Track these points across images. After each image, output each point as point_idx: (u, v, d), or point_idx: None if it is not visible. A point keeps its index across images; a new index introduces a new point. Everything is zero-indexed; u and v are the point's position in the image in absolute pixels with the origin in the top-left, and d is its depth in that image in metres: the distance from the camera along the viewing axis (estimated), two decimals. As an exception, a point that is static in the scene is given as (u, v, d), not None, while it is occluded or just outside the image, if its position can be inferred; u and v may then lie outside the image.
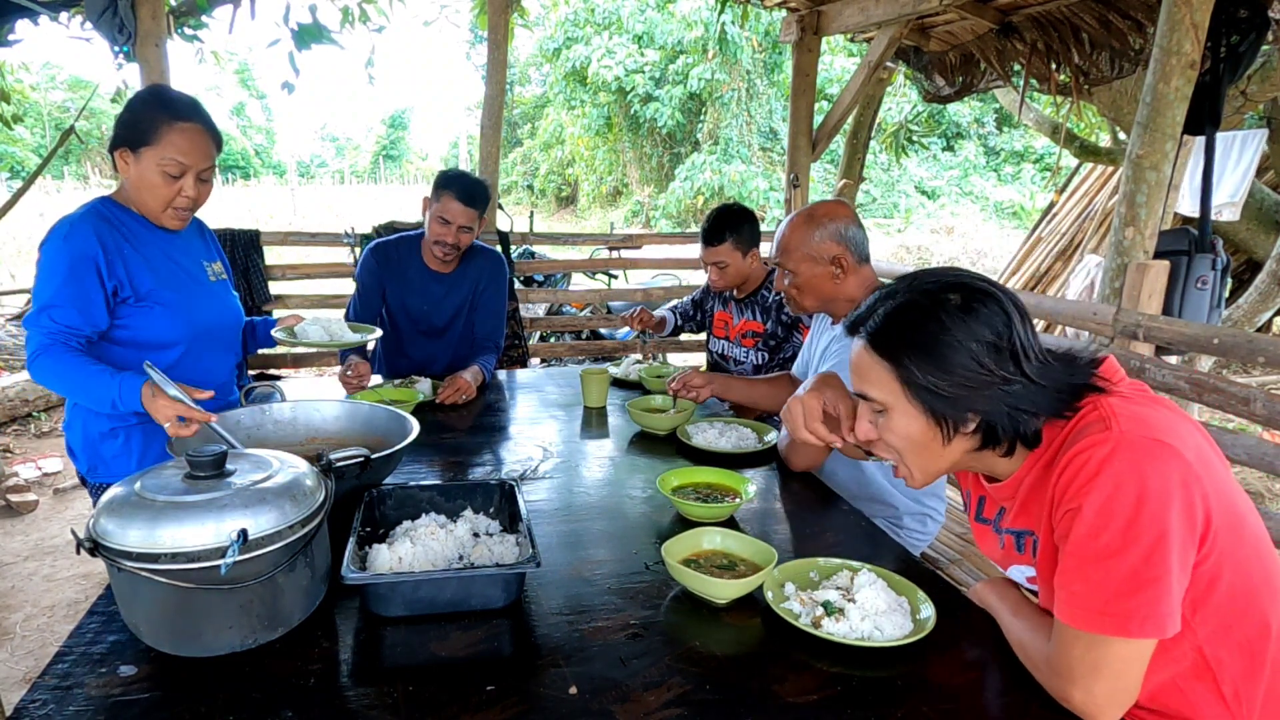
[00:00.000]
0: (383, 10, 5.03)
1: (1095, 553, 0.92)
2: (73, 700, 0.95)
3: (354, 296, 2.63)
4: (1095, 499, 0.91)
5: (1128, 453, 0.91)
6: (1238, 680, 0.98)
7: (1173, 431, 0.94)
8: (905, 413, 1.04)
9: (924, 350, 1.00)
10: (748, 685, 1.01)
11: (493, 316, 2.70)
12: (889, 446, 1.10)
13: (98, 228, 1.67)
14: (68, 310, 1.61)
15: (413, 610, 1.14)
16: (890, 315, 1.04)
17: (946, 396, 1.00)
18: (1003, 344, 0.98)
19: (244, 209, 20.01)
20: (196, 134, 1.69)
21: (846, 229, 1.82)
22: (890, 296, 1.06)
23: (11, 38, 3.87)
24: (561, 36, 19.60)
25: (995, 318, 0.99)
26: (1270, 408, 2.03)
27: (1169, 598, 0.90)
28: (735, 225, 2.51)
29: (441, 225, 2.44)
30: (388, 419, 1.63)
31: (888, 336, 1.04)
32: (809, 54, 4.61)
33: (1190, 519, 0.90)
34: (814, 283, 1.84)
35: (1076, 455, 0.95)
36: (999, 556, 1.18)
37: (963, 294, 1.00)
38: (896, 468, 1.12)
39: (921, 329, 1.00)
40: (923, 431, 1.04)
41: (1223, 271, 2.95)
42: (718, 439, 1.97)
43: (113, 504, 1.03)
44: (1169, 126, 2.58)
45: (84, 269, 1.62)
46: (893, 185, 17.95)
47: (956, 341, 0.98)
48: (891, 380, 1.03)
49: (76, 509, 3.76)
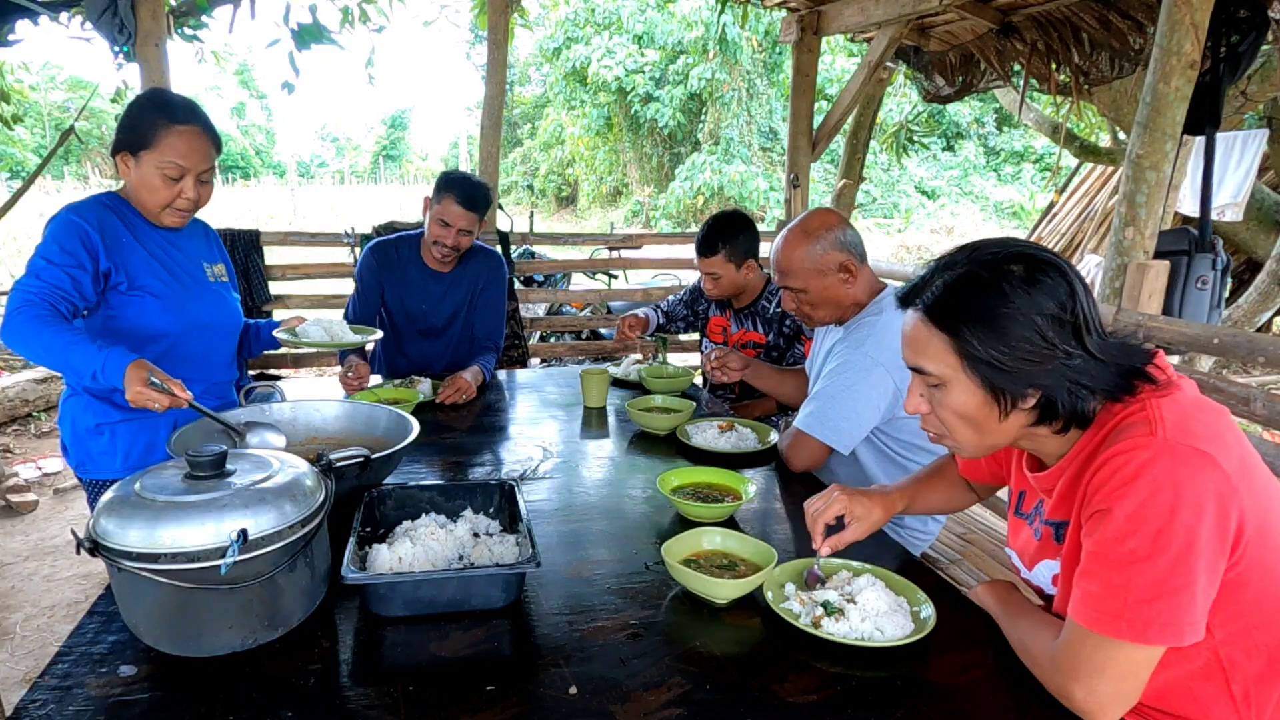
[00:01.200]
0: (383, 10, 5.03)
1: (1121, 557, 0.90)
2: (73, 700, 0.95)
3: (353, 295, 2.64)
4: (1128, 504, 0.90)
5: (1167, 460, 0.89)
6: (1249, 681, 0.98)
7: (1215, 440, 0.92)
8: (963, 387, 1.01)
9: (985, 322, 0.97)
10: (748, 685, 1.01)
11: (493, 316, 2.70)
12: (939, 421, 1.07)
13: (100, 213, 1.69)
14: (58, 272, 1.58)
15: (413, 610, 1.14)
16: (950, 286, 1.00)
17: (1007, 370, 0.97)
18: (1065, 316, 0.95)
19: (244, 209, 20.01)
20: (195, 136, 1.70)
21: (843, 235, 1.82)
22: (949, 267, 1.02)
23: (12, 38, 3.87)
24: (561, 36, 19.60)
25: (1058, 289, 0.96)
26: (1270, 408, 2.03)
27: (1192, 607, 0.89)
28: (729, 236, 2.47)
29: (441, 227, 2.44)
30: (388, 419, 1.63)
31: (947, 308, 1.00)
32: (809, 54, 4.61)
33: (1222, 530, 0.89)
34: (826, 294, 1.84)
35: (1116, 456, 0.93)
36: (1032, 551, 1.15)
37: (1026, 264, 0.97)
38: (942, 437, 1.10)
39: (983, 300, 0.97)
40: (980, 406, 1.01)
41: (1223, 271, 2.95)
42: (718, 439, 1.97)
43: (113, 504, 1.03)
44: (1169, 126, 2.58)
45: (80, 243, 1.63)
46: (893, 185, 17.94)
47: (1019, 313, 0.95)
48: (949, 353, 1.00)
49: (76, 509, 3.76)
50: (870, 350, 1.75)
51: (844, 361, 1.78)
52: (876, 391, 1.74)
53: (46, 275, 1.57)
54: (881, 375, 1.73)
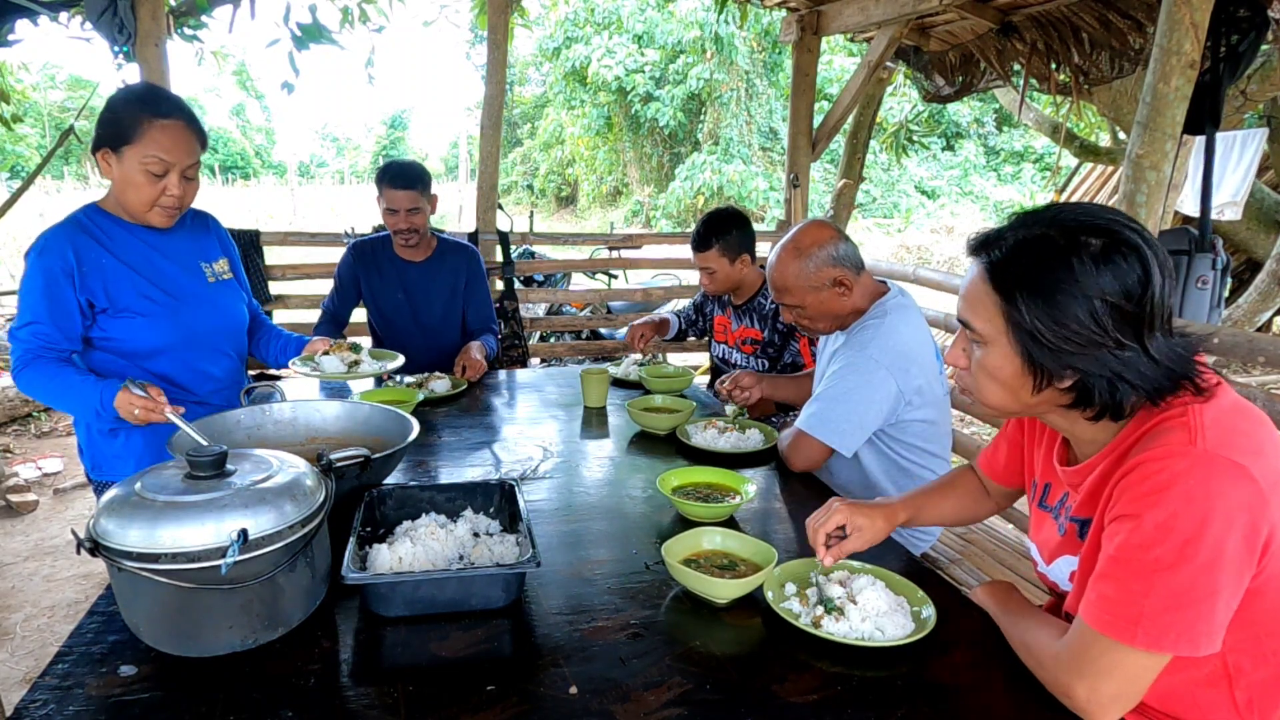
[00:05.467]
0: (383, 10, 5.03)
1: (1145, 564, 0.88)
2: (73, 700, 0.95)
3: (331, 290, 2.84)
4: (1159, 513, 0.88)
5: (1202, 471, 0.87)
6: (1253, 688, 0.97)
7: (1254, 451, 0.90)
8: (1003, 352, 0.98)
9: (1041, 292, 0.92)
10: (748, 685, 1.01)
11: (482, 306, 2.89)
12: (972, 378, 1.04)
13: (74, 239, 1.67)
14: (46, 326, 1.63)
15: (413, 610, 1.14)
16: (1019, 246, 0.95)
17: (1049, 346, 0.93)
18: (1128, 306, 0.90)
19: (244, 209, 20.01)
20: (179, 130, 1.65)
21: (837, 249, 1.82)
22: (1027, 225, 0.96)
23: (11, 38, 3.86)
24: (561, 36, 19.59)
25: (1131, 275, 0.90)
26: (1270, 407, 2.02)
27: (1212, 619, 0.87)
28: (722, 231, 2.52)
29: (391, 215, 2.63)
30: (388, 419, 1.63)
31: (1008, 269, 0.95)
32: (809, 54, 4.61)
33: (1251, 544, 0.88)
34: (823, 308, 1.85)
35: (1151, 460, 0.90)
36: (1053, 545, 1.13)
37: (1106, 240, 0.91)
38: (968, 392, 1.07)
39: (1046, 268, 0.92)
40: (1015, 375, 0.98)
41: (1223, 271, 2.95)
42: (717, 439, 1.97)
43: (113, 504, 1.03)
44: (1169, 126, 2.58)
45: (58, 283, 1.64)
46: (893, 185, 17.93)
47: (1080, 290, 0.90)
48: (998, 315, 0.96)
49: (76, 509, 3.76)
50: (874, 353, 1.74)
51: (847, 363, 1.77)
52: (880, 394, 1.74)
53: (38, 333, 1.63)
54: (884, 378, 1.73)
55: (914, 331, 1.80)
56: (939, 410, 1.86)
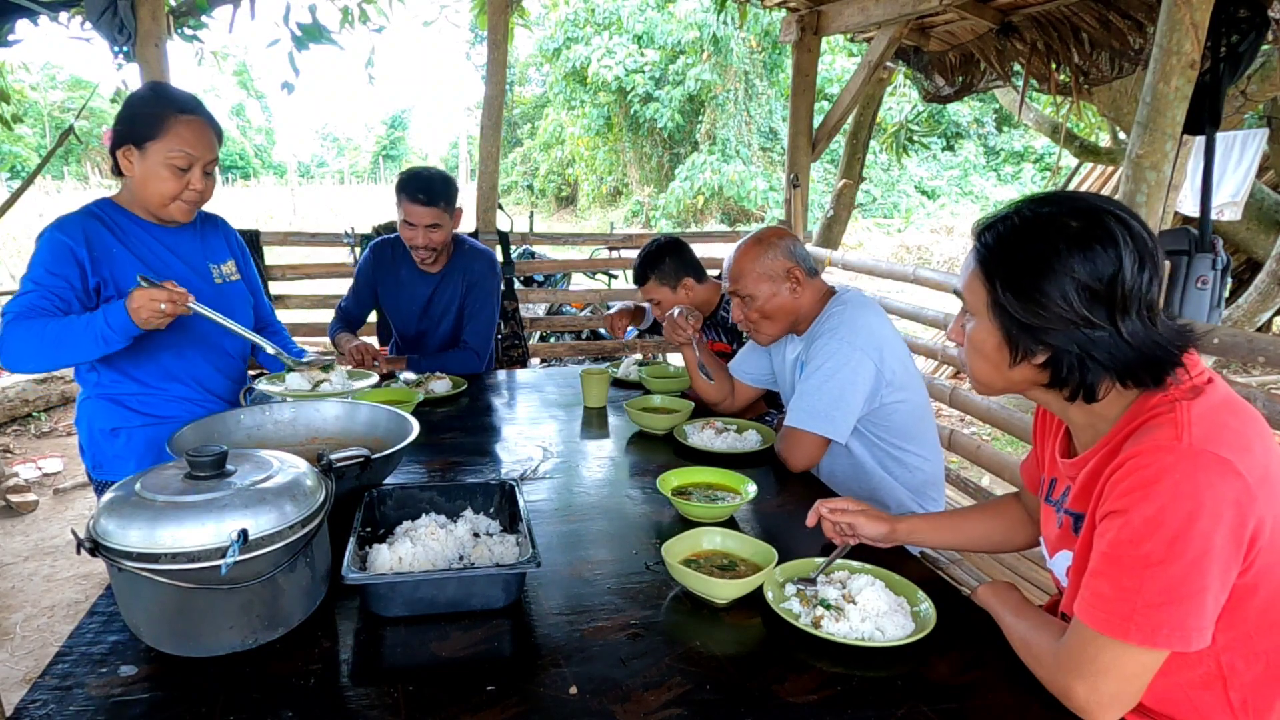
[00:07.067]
0: (383, 10, 5.03)
1: (1135, 560, 0.90)
2: (73, 700, 0.95)
3: (349, 289, 2.75)
4: (1146, 508, 0.89)
5: (1189, 466, 0.89)
6: (1247, 688, 0.98)
7: (1241, 447, 0.91)
8: (985, 325, 1.04)
9: (1016, 271, 0.98)
10: (748, 685, 1.01)
11: (474, 318, 2.69)
12: (965, 351, 1.11)
13: (86, 225, 1.67)
14: (46, 290, 1.60)
15: (413, 610, 1.14)
16: (1008, 223, 1.01)
17: (1022, 321, 0.98)
18: (1098, 287, 0.93)
19: (244, 209, 19.99)
20: (200, 126, 1.70)
21: (794, 247, 1.92)
22: (1020, 209, 1.01)
23: (11, 38, 3.86)
24: (561, 36, 19.59)
25: (1105, 259, 0.93)
26: (1270, 407, 2.02)
27: (1201, 613, 0.89)
28: (654, 263, 2.56)
29: (408, 229, 2.48)
30: (388, 419, 1.63)
31: (994, 248, 1.02)
32: (809, 54, 4.61)
33: (1238, 538, 0.89)
34: (775, 301, 1.90)
35: (1138, 456, 0.92)
36: (1054, 539, 1.15)
37: (1085, 224, 0.95)
38: (964, 368, 1.14)
39: (1023, 249, 0.98)
40: (995, 349, 1.04)
41: (1223, 271, 2.95)
42: (714, 439, 1.97)
43: (113, 504, 1.03)
44: (1169, 126, 2.58)
45: (66, 262, 1.63)
46: (893, 185, 17.93)
47: (1051, 270, 0.95)
48: (982, 291, 1.03)
49: (76, 509, 3.76)
50: (845, 336, 1.79)
51: (821, 353, 1.80)
52: (860, 375, 1.77)
53: (36, 293, 1.59)
54: (861, 358, 1.77)
55: (878, 320, 1.85)
56: (917, 391, 1.90)
